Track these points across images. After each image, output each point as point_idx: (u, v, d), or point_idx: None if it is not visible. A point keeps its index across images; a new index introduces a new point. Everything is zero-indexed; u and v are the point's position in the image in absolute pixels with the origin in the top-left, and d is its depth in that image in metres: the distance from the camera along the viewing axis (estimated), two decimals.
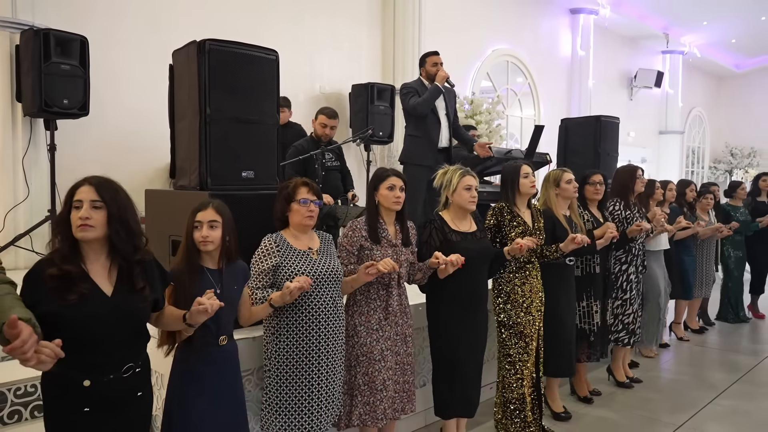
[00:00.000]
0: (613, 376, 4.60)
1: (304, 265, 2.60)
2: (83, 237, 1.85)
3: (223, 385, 2.35)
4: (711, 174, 16.98)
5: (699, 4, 12.48)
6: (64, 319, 1.79)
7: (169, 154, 5.94)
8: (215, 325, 2.29)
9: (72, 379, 1.83)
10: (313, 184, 2.72)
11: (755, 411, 4.12)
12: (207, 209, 2.34)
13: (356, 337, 2.85)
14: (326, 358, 2.63)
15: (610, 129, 6.24)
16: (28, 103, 4.62)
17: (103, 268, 1.90)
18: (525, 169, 3.47)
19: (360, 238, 2.86)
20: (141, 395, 2.00)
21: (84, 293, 1.82)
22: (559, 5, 11.23)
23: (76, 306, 1.80)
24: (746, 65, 17.07)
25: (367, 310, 2.88)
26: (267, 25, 6.77)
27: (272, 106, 3.23)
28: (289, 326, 2.59)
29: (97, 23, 5.42)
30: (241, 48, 3.10)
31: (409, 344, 3.02)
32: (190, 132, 3.05)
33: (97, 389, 1.85)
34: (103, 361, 1.87)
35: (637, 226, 4.15)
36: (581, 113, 10.98)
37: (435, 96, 4.61)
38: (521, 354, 3.38)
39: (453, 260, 2.85)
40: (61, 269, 1.81)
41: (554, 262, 3.61)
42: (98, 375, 1.86)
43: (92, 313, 1.83)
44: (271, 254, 2.60)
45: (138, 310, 1.96)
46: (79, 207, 1.84)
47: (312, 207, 2.64)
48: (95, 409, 1.86)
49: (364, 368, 2.84)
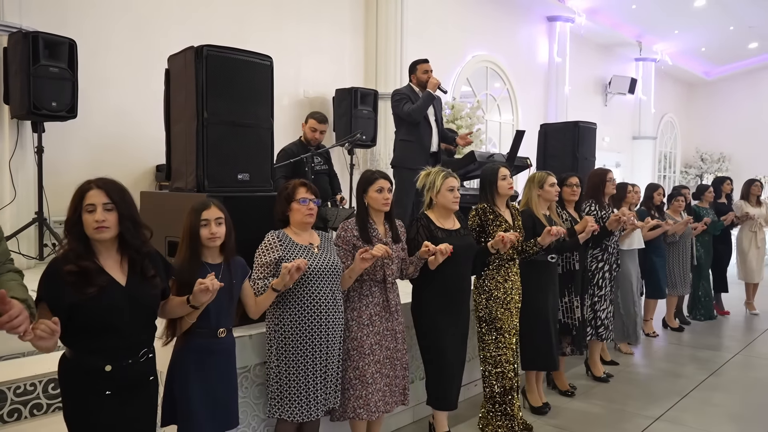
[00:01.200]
0: (591, 370, 4.76)
1: (307, 258, 2.73)
2: (101, 238, 1.99)
3: (217, 372, 2.48)
4: (682, 178, 17.45)
5: (671, 14, 12.87)
6: (85, 310, 1.93)
7: (154, 157, 6.08)
8: (215, 318, 2.43)
9: (94, 364, 1.98)
10: (310, 184, 2.86)
11: (727, 404, 4.31)
12: (211, 207, 2.47)
13: (347, 332, 2.96)
14: (325, 347, 2.78)
15: (588, 134, 6.43)
16: (16, 105, 4.62)
17: (115, 262, 2.05)
18: (503, 171, 3.60)
19: (352, 237, 2.98)
20: (152, 379, 2.17)
21: (102, 285, 1.96)
22: (537, 13, 11.48)
23: (94, 297, 1.94)
24: (715, 73, 17.60)
25: (360, 306, 2.99)
26: (252, 31, 6.84)
27: (267, 111, 3.31)
28: (291, 317, 2.74)
29: (83, 26, 5.43)
30: (238, 54, 3.18)
31: (399, 340, 3.12)
32: (187, 135, 3.12)
33: (117, 373, 2.00)
34: (123, 347, 2.03)
35: (615, 217, 4.31)
36: (558, 118, 11.23)
37: (429, 103, 4.76)
38: (500, 349, 3.51)
39: (442, 249, 2.99)
40: (79, 265, 1.94)
41: (536, 260, 3.74)
42: (118, 360, 2.01)
43: (110, 303, 1.97)
44: (274, 248, 2.73)
45: (150, 298, 2.12)
46: (93, 210, 1.97)
47: (311, 205, 2.80)
48: (115, 392, 2.01)
49: (354, 362, 2.95)
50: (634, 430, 3.82)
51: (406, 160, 4.75)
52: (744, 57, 16.52)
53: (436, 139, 4.95)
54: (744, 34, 14.63)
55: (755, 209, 7.10)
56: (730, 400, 4.40)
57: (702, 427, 3.90)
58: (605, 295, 4.63)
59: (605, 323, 4.63)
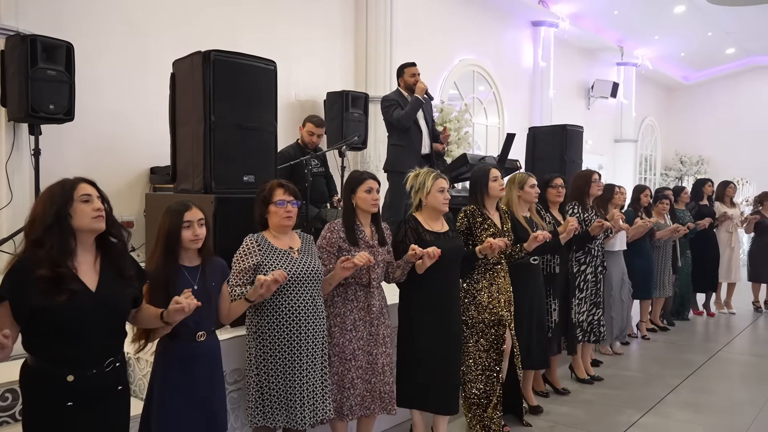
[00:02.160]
0: (575, 373, 4.80)
1: (285, 264, 2.66)
2: (98, 228, 1.97)
3: (201, 378, 2.40)
4: (662, 180, 17.77)
5: (651, 20, 13.15)
6: (51, 315, 1.86)
7: (149, 159, 6.12)
8: (193, 322, 2.33)
9: (55, 374, 1.89)
10: (289, 185, 2.75)
11: (713, 398, 4.47)
12: (193, 209, 2.39)
13: (330, 338, 2.92)
14: (306, 355, 2.69)
15: (575, 137, 6.61)
16: (14, 107, 4.63)
17: (89, 263, 1.99)
18: (494, 172, 3.58)
19: (338, 239, 2.92)
20: (120, 389, 2.08)
21: (73, 291, 1.88)
22: (522, 18, 11.67)
23: (64, 303, 1.86)
24: (694, 78, 17.99)
25: (344, 311, 2.94)
26: (243, 34, 6.90)
27: (271, 114, 3.41)
28: (270, 324, 2.66)
29: (77, 29, 5.45)
30: (243, 58, 3.26)
31: (387, 345, 3.06)
32: (194, 138, 3.19)
33: (80, 384, 1.92)
34: (87, 356, 1.94)
35: (598, 223, 4.33)
36: (543, 122, 11.42)
37: (417, 108, 4.86)
38: (482, 351, 3.49)
39: (430, 252, 2.94)
40: (54, 271, 1.86)
41: (520, 263, 3.76)
42: (82, 370, 1.92)
43: (78, 309, 1.89)
44: (251, 253, 2.65)
45: (120, 304, 2.04)
46: (89, 200, 1.95)
47: (289, 208, 2.69)
48: (78, 403, 1.92)
49: (335, 368, 2.91)
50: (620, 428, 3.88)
51: (398, 164, 4.84)
52: (721, 62, 16.93)
53: (428, 141, 5.05)
54: (721, 40, 15.00)
55: (730, 210, 7.26)
56: (715, 394, 4.56)
57: (690, 419, 4.05)
58: (585, 298, 4.64)
59: (583, 326, 4.64)
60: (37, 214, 1.93)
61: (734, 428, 3.92)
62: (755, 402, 4.38)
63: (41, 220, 1.91)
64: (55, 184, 1.98)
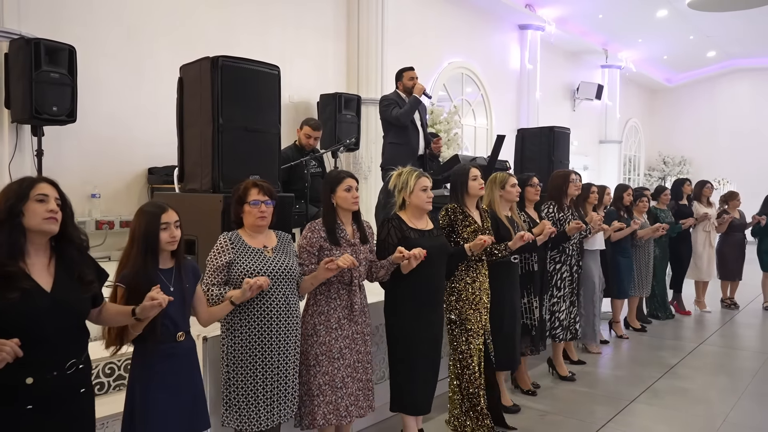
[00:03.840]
0: (555, 370, 4.82)
1: (258, 262, 2.65)
2: (49, 230, 1.90)
3: (181, 378, 2.40)
4: (646, 180, 18.10)
5: (635, 23, 13.47)
6: (6, 315, 1.81)
7: (146, 160, 6.23)
8: (172, 323, 2.35)
9: (14, 376, 1.80)
10: (264, 184, 2.74)
11: (693, 389, 4.69)
12: (169, 210, 2.38)
13: (315, 336, 2.88)
14: (279, 354, 2.68)
15: (562, 138, 6.82)
16: (18, 109, 4.73)
17: (42, 265, 1.92)
18: (473, 172, 3.58)
19: (319, 239, 2.89)
20: (84, 392, 2.02)
21: (25, 289, 1.83)
22: (509, 21, 11.90)
23: (15, 303, 1.81)
24: (676, 80, 18.39)
25: (327, 310, 2.92)
26: (237, 37, 7.04)
27: (274, 116, 3.55)
28: (243, 323, 2.65)
29: (76, 32, 5.56)
30: (249, 64, 3.41)
31: (368, 343, 3.06)
32: (202, 139, 3.33)
33: (40, 386, 1.85)
34: (47, 358, 1.87)
35: (576, 224, 4.41)
36: (530, 123, 11.65)
37: (415, 107, 5.03)
38: (470, 350, 3.49)
39: (416, 254, 2.93)
40: (3, 269, 1.81)
41: (500, 261, 3.75)
42: (41, 372, 1.86)
43: (33, 309, 1.84)
44: (225, 251, 2.64)
45: (78, 304, 1.98)
46: (44, 201, 1.88)
47: (263, 208, 2.68)
48: (38, 407, 1.86)
49: (324, 367, 2.87)
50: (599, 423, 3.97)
51: (396, 161, 4.98)
52: (703, 65, 17.35)
53: (423, 142, 5.23)
54: (703, 43, 15.38)
55: (707, 209, 7.42)
56: (695, 385, 4.76)
57: (673, 407, 4.25)
58: (564, 296, 4.68)
59: (563, 324, 4.68)
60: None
61: (714, 416, 4.13)
62: (734, 391, 4.60)
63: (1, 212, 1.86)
64: (15, 181, 1.94)
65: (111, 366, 3.27)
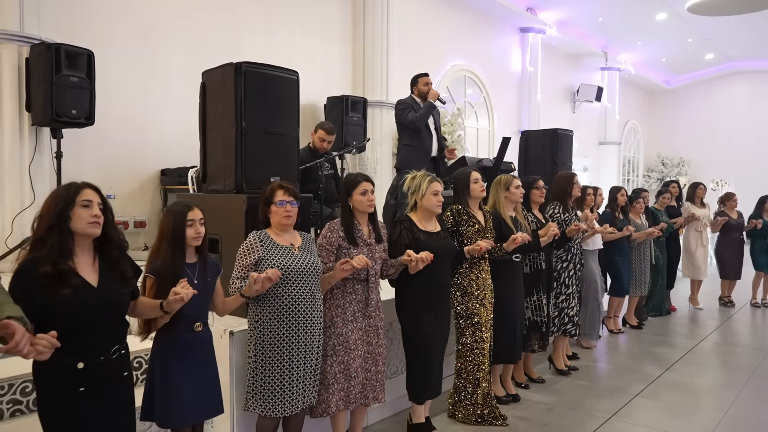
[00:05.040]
0: (554, 364, 4.96)
1: (287, 259, 2.81)
2: (93, 233, 2.09)
3: (196, 365, 2.59)
4: (645, 182, 18.25)
5: (635, 26, 13.63)
6: (58, 311, 2.01)
7: (159, 161, 6.36)
8: (192, 314, 2.54)
9: (67, 363, 2.03)
10: (289, 186, 2.91)
11: (695, 382, 4.82)
12: (195, 209, 2.58)
13: (333, 328, 3.07)
14: (303, 346, 2.84)
15: (565, 141, 6.93)
16: (38, 112, 4.86)
17: (88, 264, 2.12)
18: (474, 175, 3.76)
19: (338, 238, 3.07)
20: (126, 375, 2.25)
21: (75, 285, 2.03)
22: (511, 24, 12.05)
23: (68, 298, 2.01)
24: (675, 82, 18.57)
25: (344, 303, 3.09)
26: (246, 41, 7.19)
27: (294, 120, 3.68)
28: (271, 316, 2.81)
29: (92, 36, 5.68)
30: (270, 69, 3.54)
31: (381, 336, 3.23)
32: (225, 142, 3.46)
33: (89, 370, 2.08)
34: (94, 345, 2.10)
35: (575, 226, 4.56)
36: (531, 125, 11.81)
37: (430, 111, 5.22)
38: (478, 342, 3.69)
39: (423, 257, 3.13)
40: (56, 268, 2.01)
41: (502, 259, 3.94)
42: (90, 357, 2.08)
43: (83, 303, 2.05)
44: (254, 249, 2.80)
45: (120, 298, 2.19)
46: (89, 206, 2.07)
47: (289, 208, 2.84)
48: (89, 388, 2.08)
49: (340, 357, 3.05)
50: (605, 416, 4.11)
51: (410, 163, 5.15)
52: (701, 67, 17.53)
53: (436, 145, 5.39)
54: (701, 46, 15.55)
55: (700, 210, 7.57)
56: (696, 380, 4.90)
57: (675, 400, 4.39)
58: (572, 294, 4.83)
59: (574, 320, 4.85)
60: (43, 214, 2.07)
61: (716, 409, 4.26)
62: (734, 385, 4.74)
63: (45, 220, 2.05)
64: (62, 187, 2.12)
65: (138, 360, 3.42)
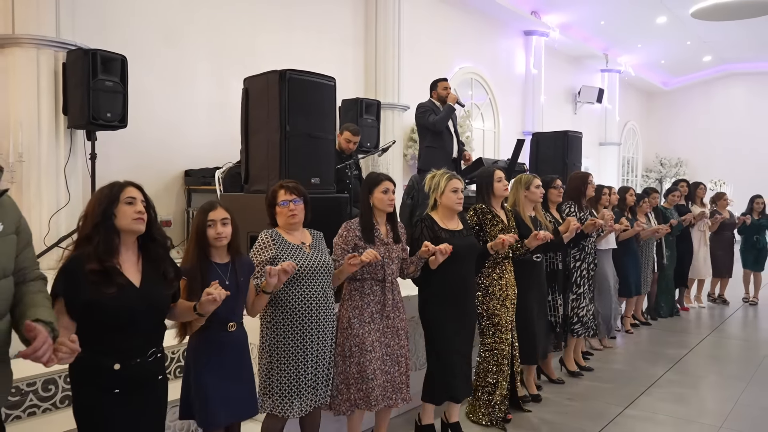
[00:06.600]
0: (565, 366, 4.90)
1: (299, 257, 2.80)
2: (138, 229, 2.10)
3: (231, 366, 2.57)
4: (644, 182, 18.50)
5: (635, 29, 13.89)
6: (100, 309, 2.00)
7: (183, 162, 6.53)
8: (225, 314, 2.51)
9: (103, 363, 2.03)
10: (290, 184, 2.89)
11: (705, 375, 5.04)
12: (218, 209, 2.53)
13: (350, 329, 3.04)
14: (318, 343, 2.84)
15: (575, 142, 7.16)
16: (75, 115, 5.03)
17: (132, 263, 2.13)
18: (498, 174, 3.76)
19: (354, 237, 3.05)
20: (161, 378, 2.23)
21: (120, 284, 2.04)
22: (515, 28, 12.29)
23: (111, 297, 2.01)
24: (673, 83, 18.85)
25: (361, 305, 3.07)
26: (265, 44, 7.39)
27: (331, 124, 3.89)
28: (283, 314, 2.80)
29: (121, 41, 5.85)
30: (311, 76, 3.74)
31: (402, 337, 3.18)
32: (269, 145, 3.65)
33: (125, 372, 2.06)
34: (132, 347, 2.08)
35: (592, 221, 4.62)
36: (534, 126, 12.03)
37: (450, 114, 5.42)
38: (498, 343, 3.66)
39: (442, 249, 3.07)
40: (102, 265, 2.02)
41: (524, 259, 3.91)
42: (127, 359, 2.06)
43: (125, 304, 2.04)
44: (268, 247, 2.79)
45: (161, 300, 2.18)
46: (133, 203, 2.08)
47: (292, 206, 2.82)
48: (124, 390, 2.06)
49: (356, 358, 3.02)
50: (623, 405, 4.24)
51: (432, 163, 5.33)
52: (699, 69, 17.83)
53: (456, 146, 5.60)
54: (699, 48, 15.84)
55: (701, 209, 7.70)
56: (704, 373, 5.11)
57: (687, 392, 4.60)
58: (584, 293, 4.82)
59: (583, 320, 4.81)
60: (88, 212, 2.09)
61: (725, 399, 4.47)
62: (742, 377, 4.96)
63: (91, 218, 2.07)
64: (106, 186, 2.13)
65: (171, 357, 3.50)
